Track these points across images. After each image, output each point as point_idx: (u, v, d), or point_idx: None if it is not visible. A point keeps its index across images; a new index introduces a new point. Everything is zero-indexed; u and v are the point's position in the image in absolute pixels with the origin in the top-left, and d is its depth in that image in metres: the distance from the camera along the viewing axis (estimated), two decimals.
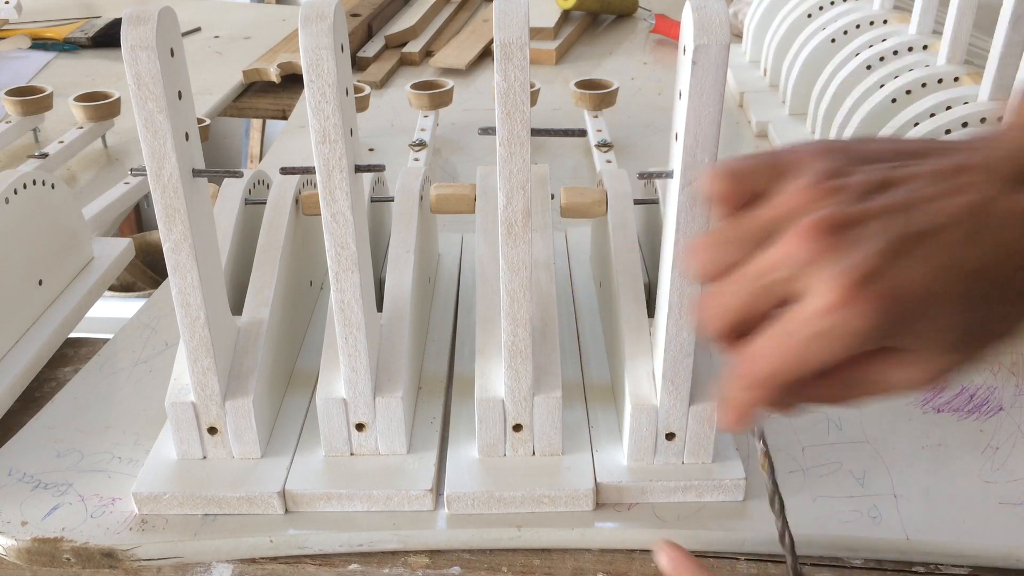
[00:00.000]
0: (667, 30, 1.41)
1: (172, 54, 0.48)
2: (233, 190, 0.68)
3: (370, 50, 1.34)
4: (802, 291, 0.34)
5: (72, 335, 0.73)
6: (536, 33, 1.38)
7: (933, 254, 0.35)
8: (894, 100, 0.87)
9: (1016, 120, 0.39)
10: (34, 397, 0.66)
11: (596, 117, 1.03)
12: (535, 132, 0.49)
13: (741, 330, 0.37)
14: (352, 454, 0.57)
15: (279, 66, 1.27)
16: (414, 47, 1.36)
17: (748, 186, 0.38)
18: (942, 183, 0.36)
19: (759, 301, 0.36)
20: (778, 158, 0.38)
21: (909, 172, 0.37)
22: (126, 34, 0.46)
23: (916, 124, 0.81)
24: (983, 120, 0.76)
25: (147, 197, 0.75)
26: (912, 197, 0.35)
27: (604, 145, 0.97)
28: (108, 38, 1.40)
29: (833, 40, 1.02)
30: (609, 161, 0.94)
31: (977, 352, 0.37)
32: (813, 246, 0.34)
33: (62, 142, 0.98)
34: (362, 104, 1.07)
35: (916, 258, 0.34)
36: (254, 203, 0.69)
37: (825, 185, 0.36)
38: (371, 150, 1.06)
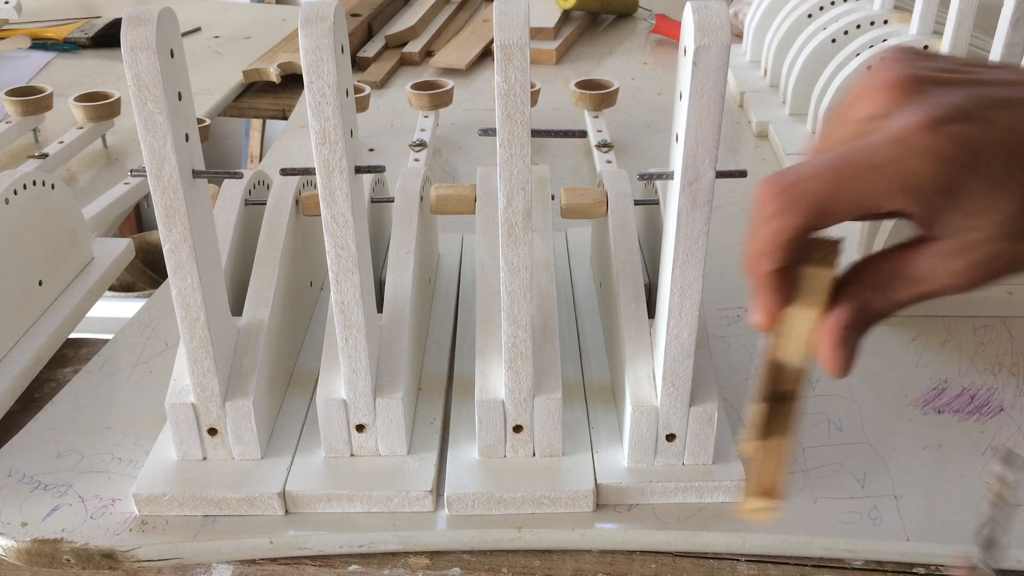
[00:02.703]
0: (667, 30, 1.41)
1: (172, 55, 0.48)
2: (233, 191, 0.68)
3: (370, 50, 1.34)
4: (890, 118, 0.33)
5: (72, 335, 0.73)
6: (536, 33, 1.38)
7: (1011, 119, 0.33)
8: None
9: None
10: (34, 398, 0.66)
11: (596, 117, 1.03)
12: (535, 133, 0.49)
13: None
14: (352, 455, 0.57)
15: (279, 66, 1.27)
16: (414, 47, 1.36)
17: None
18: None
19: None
20: (853, 89, 0.37)
21: (992, 73, 0.36)
22: (126, 35, 0.46)
23: None
24: None
25: (147, 197, 0.75)
26: (994, 78, 0.35)
27: (604, 145, 0.97)
28: (108, 38, 1.40)
29: (833, 40, 1.02)
30: (609, 161, 0.94)
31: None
32: (890, 97, 0.33)
33: (62, 142, 0.98)
34: (362, 104, 1.07)
35: (994, 117, 0.33)
36: (254, 204, 0.69)
37: (902, 61, 0.35)
38: (371, 150, 1.06)
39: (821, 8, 1.10)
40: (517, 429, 0.55)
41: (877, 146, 0.32)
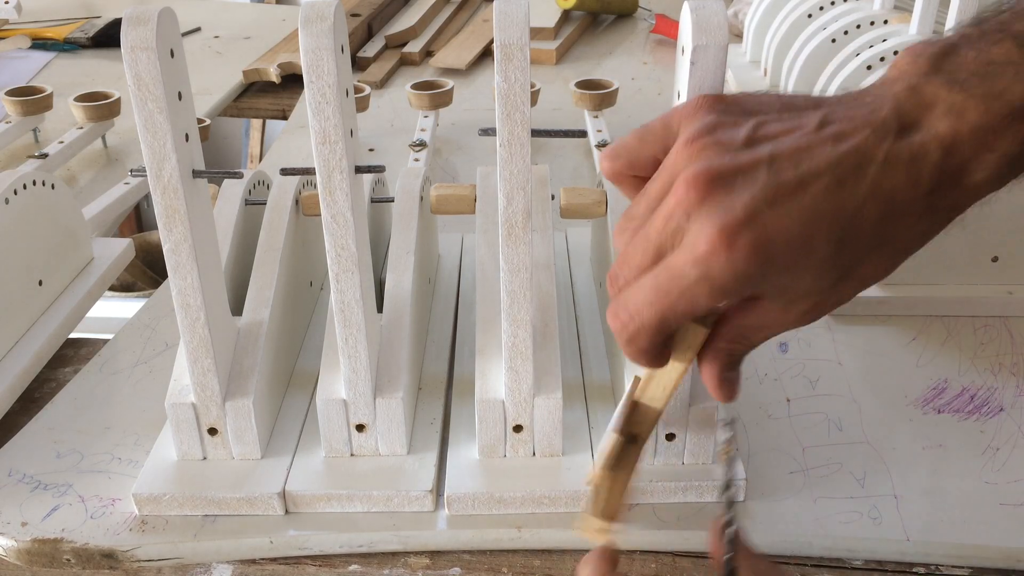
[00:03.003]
0: (667, 30, 1.41)
1: (172, 55, 0.48)
2: (233, 191, 0.68)
3: (370, 50, 1.34)
4: (688, 230, 0.37)
5: (72, 335, 0.73)
6: (536, 33, 1.38)
7: (807, 201, 0.37)
8: None
9: (896, 74, 0.40)
10: (34, 397, 0.66)
11: (596, 117, 1.03)
12: (535, 133, 0.49)
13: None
14: (352, 455, 0.57)
15: (279, 66, 1.27)
16: (414, 47, 1.36)
17: (640, 159, 0.41)
18: (821, 132, 0.38)
19: (659, 255, 0.38)
20: (665, 120, 0.40)
21: (791, 124, 0.38)
22: (126, 35, 0.46)
23: None
24: None
25: (147, 197, 0.75)
26: (790, 146, 0.37)
27: (604, 145, 0.97)
28: (108, 38, 1.40)
29: (833, 40, 1.02)
30: None
31: (845, 295, 0.39)
32: (692, 197, 0.36)
33: (62, 142, 0.98)
34: (362, 104, 1.07)
35: (789, 205, 0.36)
36: (254, 204, 0.69)
37: (704, 139, 0.38)
38: (371, 150, 1.06)
39: (821, 8, 1.09)
40: (517, 429, 0.55)
41: (684, 269, 0.37)
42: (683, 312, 0.38)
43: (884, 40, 0.96)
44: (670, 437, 0.55)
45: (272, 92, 1.29)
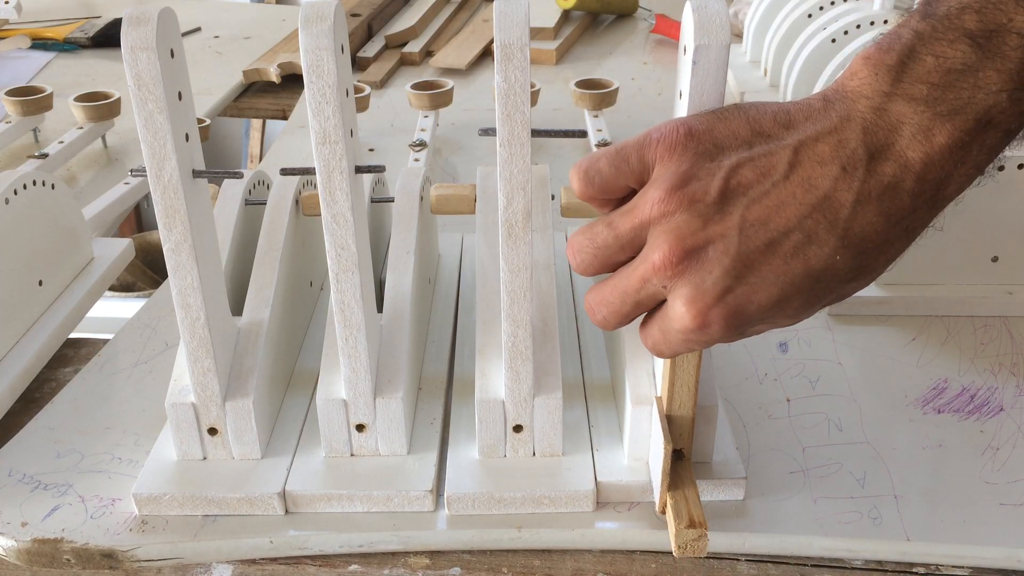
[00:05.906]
0: (667, 30, 1.41)
1: (172, 55, 0.48)
2: (233, 191, 0.68)
3: (370, 50, 1.34)
4: (669, 302, 0.42)
5: (72, 335, 0.73)
6: (536, 33, 1.38)
7: (777, 264, 0.39)
8: None
9: (858, 87, 0.40)
10: (34, 397, 0.66)
11: (596, 117, 1.03)
12: (535, 133, 0.49)
13: (627, 321, 0.45)
14: (352, 455, 0.57)
15: (279, 66, 1.27)
16: (414, 47, 1.36)
17: (613, 188, 0.43)
18: (791, 178, 0.39)
19: (639, 308, 0.44)
20: (640, 153, 0.42)
21: (763, 166, 0.40)
22: (126, 35, 0.46)
23: None
24: None
25: (147, 197, 0.75)
26: (760, 204, 0.39)
27: (604, 145, 0.97)
28: (108, 38, 1.40)
29: (833, 40, 1.02)
30: None
31: (824, 306, 0.43)
32: (668, 272, 0.41)
33: (62, 142, 0.98)
34: (362, 104, 1.07)
35: (759, 274, 0.40)
36: (254, 204, 0.69)
37: (678, 194, 0.40)
38: (371, 150, 1.06)
39: (821, 8, 1.10)
40: (517, 429, 0.55)
41: (670, 333, 0.43)
42: (684, 352, 0.44)
43: None
44: None
45: (272, 92, 1.29)
